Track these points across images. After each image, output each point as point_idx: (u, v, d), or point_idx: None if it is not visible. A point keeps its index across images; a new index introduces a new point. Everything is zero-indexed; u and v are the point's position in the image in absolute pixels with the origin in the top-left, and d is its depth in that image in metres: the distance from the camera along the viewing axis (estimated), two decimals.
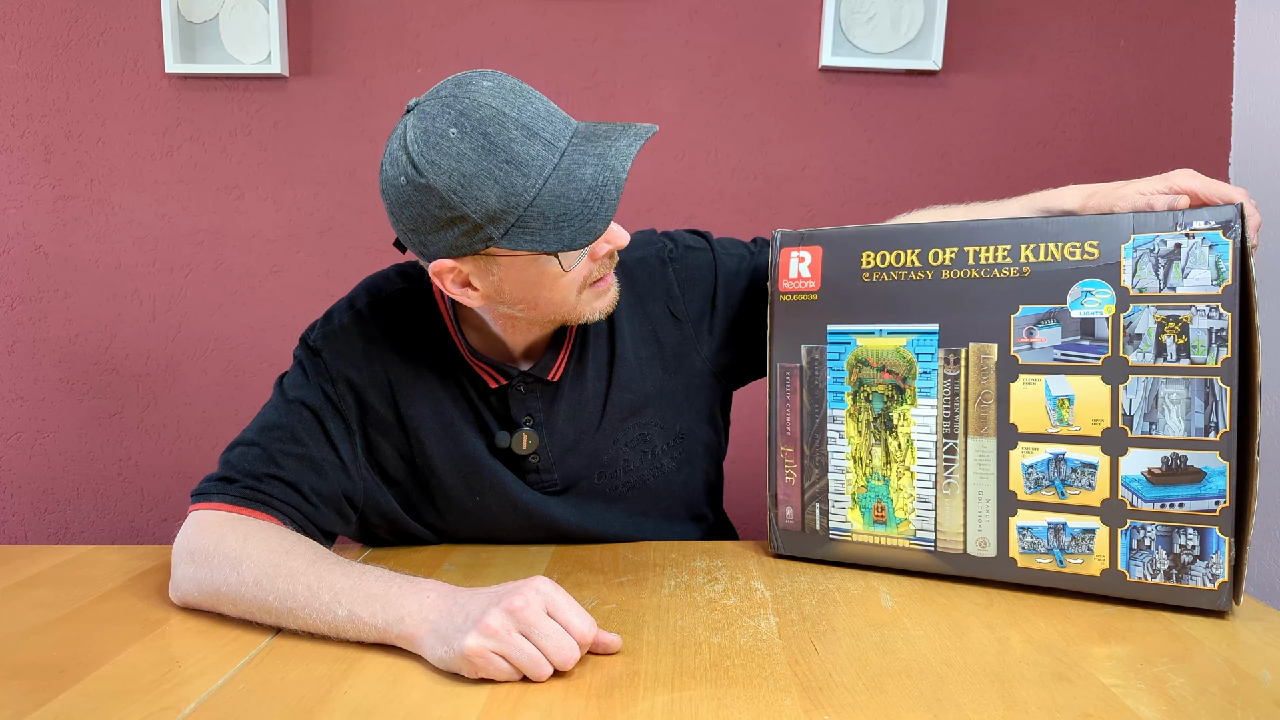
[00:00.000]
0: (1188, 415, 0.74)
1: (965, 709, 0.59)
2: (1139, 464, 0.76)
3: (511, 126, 0.73)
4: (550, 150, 0.74)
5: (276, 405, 0.89)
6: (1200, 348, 0.73)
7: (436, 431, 0.91)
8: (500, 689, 0.62)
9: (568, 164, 0.74)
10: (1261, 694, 0.61)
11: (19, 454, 1.75)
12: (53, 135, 1.70)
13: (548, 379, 0.91)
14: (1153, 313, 0.75)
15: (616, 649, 0.68)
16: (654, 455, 0.97)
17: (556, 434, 0.93)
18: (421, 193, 0.74)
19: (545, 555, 0.92)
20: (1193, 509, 0.74)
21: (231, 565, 0.74)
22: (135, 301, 1.73)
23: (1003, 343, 0.80)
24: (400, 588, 0.69)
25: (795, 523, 0.91)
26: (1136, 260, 0.75)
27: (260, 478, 0.83)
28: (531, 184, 0.73)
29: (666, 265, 0.97)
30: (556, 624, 0.64)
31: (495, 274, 0.80)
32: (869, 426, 0.87)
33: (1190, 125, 1.74)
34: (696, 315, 0.97)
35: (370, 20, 1.69)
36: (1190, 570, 0.74)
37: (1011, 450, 0.80)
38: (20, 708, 0.60)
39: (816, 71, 1.71)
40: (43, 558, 0.94)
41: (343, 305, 0.93)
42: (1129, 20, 1.72)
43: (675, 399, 0.97)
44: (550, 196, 0.73)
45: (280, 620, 0.72)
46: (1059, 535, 0.78)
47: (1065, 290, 0.78)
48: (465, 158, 0.72)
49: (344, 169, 1.72)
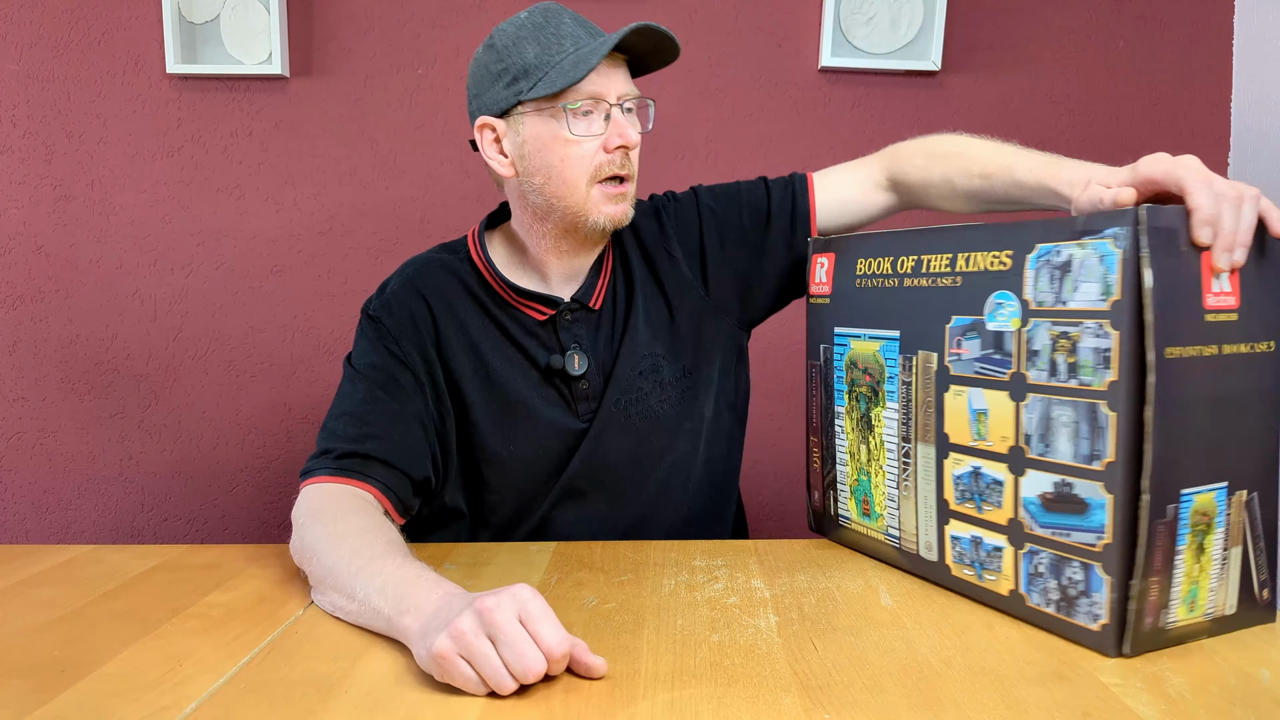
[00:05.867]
0: (1075, 440, 0.67)
1: (965, 709, 0.59)
2: (1035, 486, 0.71)
3: (566, 15, 0.93)
4: (589, 36, 0.92)
5: (350, 378, 0.97)
6: (1088, 368, 0.66)
7: (475, 381, 0.98)
8: None
9: (596, 42, 0.90)
10: (1261, 694, 0.61)
11: (20, 454, 1.76)
12: (54, 136, 1.70)
13: (590, 305, 1.00)
14: (1048, 328, 0.69)
15: (600, 674, 0.64)
16: (663, 385, 1.02)
17: (599, 361, 1.01)
18: (486, 51, 0.94)
19: (546, 554, 0.92)
20: (1078, 541, 0.68)
21: (323, 524, 0.80)
22: (136, 302, 1.73)
23: (940, 352, 0.79)
24: (425, 582, 0.69)
25: (820, 505, 0.99)
26: (1038, 271, 0.70)
27: (354, 439, 0.91)
28: (564, 50, 0.90)
29: (660, 212, 1.07)
30: (524, 632, 0.61)
31: (520, 133, 0.93)
32: (858, 424, 0.91)
33: (1189, 125, 1.74)
34: (689, 254, 1.05)
35: (371, 20, 1.69)
36: (1076, 605, 0.68)
37: (945, 459, 0.79)
38: (21, 707, 0.60)
39: (816, 71, 1.72)
40: (43, 557, 0.94)
41: (393, 276, 1.03)
42: (1129, 20, 1.72)
43: (680, 334, 1.04)
44: (572, 59, 0.90)
45: (334, 583, 0.75)
46: (978, 549, 0.77)
47: (984, 301, 0.75)
48: (523, 25, 0.92)
49: (345, 169, 1.72)
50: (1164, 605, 0.66)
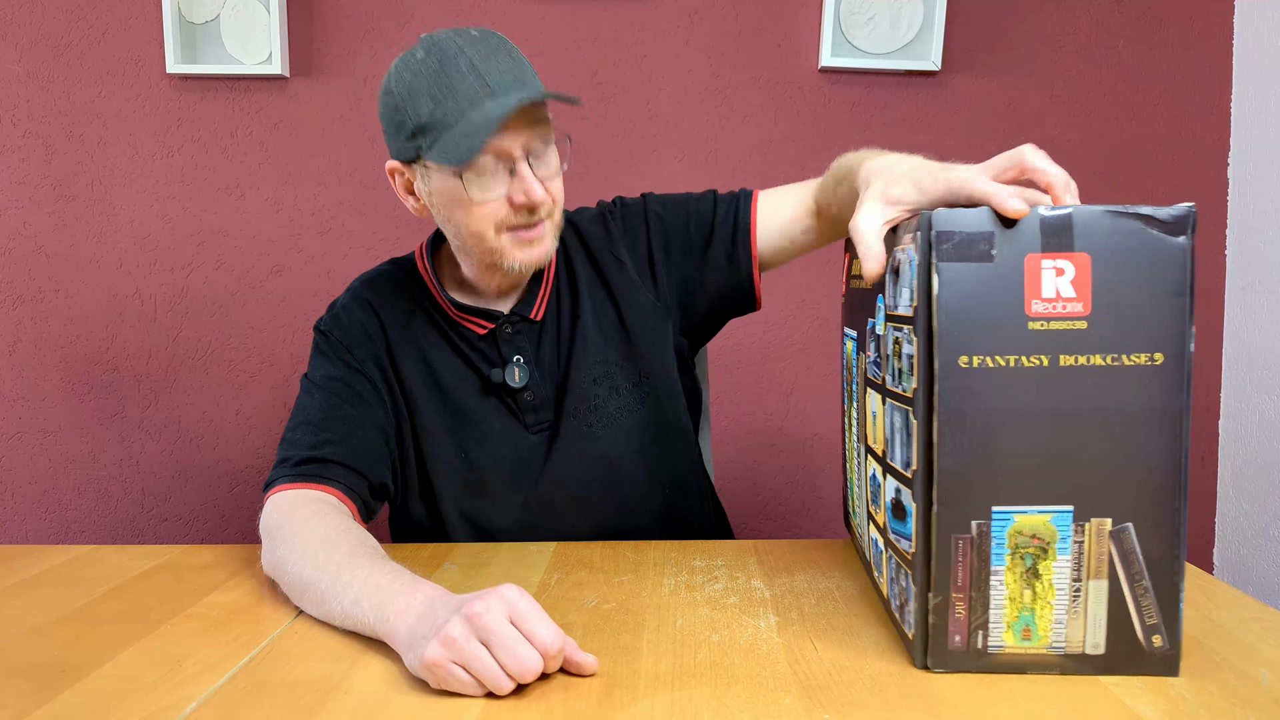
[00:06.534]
0: (905, 447, 0.65)
1: (965, 709, 0.59)
2: (889, 492, 0.70)
3: (463, 62, 0.85)
4: (483, 88, 0.84)
5: (307, 390, 0.97)
6: (905, 375, 0.64)
7: (426, 390, 0.99)
8: None
9: (491, 104, 0.84)
10: (1261, 694, 0.61)
11: (20, 454, 1.76)
12: (54, 136, 1.70)
13: (531, 317, 1.00)
14: (892, 333, 0.68)
15: (591, 671, 0.64)
16: (620, 394, 1.02)
17: (546, 371, 1.00)
18: (386, 96, 0.89)
19: (545, 554, 0.92)
20: (904, 549, 0.66)
21: (287, 539, 0.80)
22: (136, 301, 1.73)
23: (865, 353, 0.77)
24: (402, 585, 0.69)
25: None
26: (890, 275, 0.68)
27: (311, 446, 0.91)
28: (458, 109, 0.84)
29: (608, 218, 1.06)
30: (517, 633, 0.61)
31: (427, 184, 0.90)
32: None
33: (1189, 125, 1.74)
34: (636, 258, 1.04)
35: (371, 20, 1.69)
36: (905, 613, 0.67)
37: (863, 463, 0.80)
38: (21, 707, 0.60)
39: (816, 72, 1.72)
40: (44, 557, 0.94)
41: (342, 294, 1.04)
42: (1129, 20, 1.72)
43: (632, 337, 1.03)
44: (464, 127, 0.84)
45: (305, 596, 0.75)
46: (873, 549, 0.77)
47: (873, 306, 0.73)
48: (418, 74, 0.85)
49: (344, 169, 1.72)
50: (980, 627, 0.62)
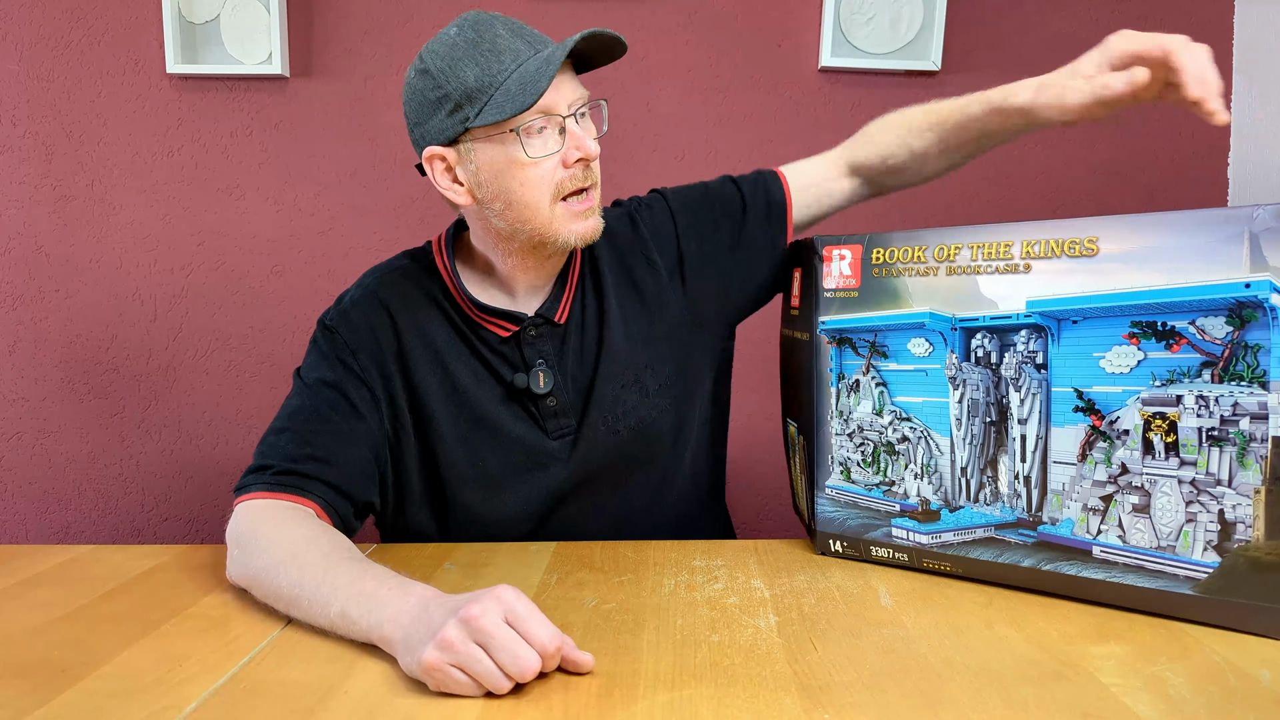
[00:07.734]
0: None
1: (965, 708, 0.59)
2: None
3: (499, 25, 0.86)
4: (529, 46, 0.86)
5: (298, 391, 0.93)
6: None
7: (440, 395, 0.95)
8: None
9: (540, 56, 0.84)
10: (1261, 694, 0.61)
11: (20, 454, 1.76)
12: (54, 135, 1.70)
13: (555, 320, 0.96)
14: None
15: (588, 669, 0.64)
16: (649, 396, 1.00)
17: (569, 376, 0.97)
18: (420, 77, 0.86)
19: (546, 554, 0.92)
20: None
21: (260, 551, 0.77)
22: (136, 302, 1.73)
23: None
24: (391, 590, 0.68)
25: None
26: None
27: (294, 459, 0.87)
28: (505, 68, 0.84)
29: (635, 218, 1.03)
30: (514, 634, 0.61)
31: (473, 162, 0.87)
32: None
33: (1188, 125, 1.74)
34: (668, 261, 1.02)
35: (371, 20, 1.69)
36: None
37: None
38: (21, 707, 0.60)
39: (816, 72, 1.72)
40: (44, 557, 0.94)
41: (352, 286, 0.99)
42: (1129, 20, 1.72)
43: (661, 342, 1.01)
44: (517, 79, 0.83)
45: (290, 609, 0.73)
46: None
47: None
48: (456, 45, 0.85)
49: (345, 169, 1.72)
50: (795, 493, 0.99)
